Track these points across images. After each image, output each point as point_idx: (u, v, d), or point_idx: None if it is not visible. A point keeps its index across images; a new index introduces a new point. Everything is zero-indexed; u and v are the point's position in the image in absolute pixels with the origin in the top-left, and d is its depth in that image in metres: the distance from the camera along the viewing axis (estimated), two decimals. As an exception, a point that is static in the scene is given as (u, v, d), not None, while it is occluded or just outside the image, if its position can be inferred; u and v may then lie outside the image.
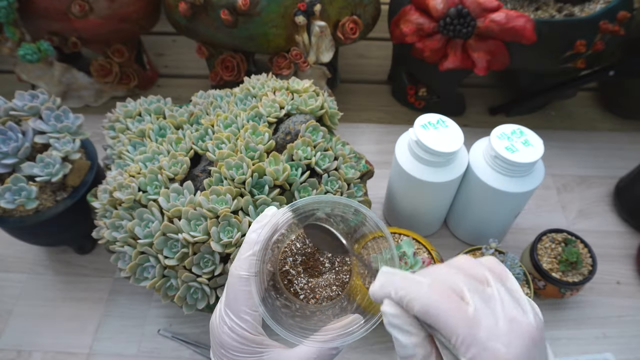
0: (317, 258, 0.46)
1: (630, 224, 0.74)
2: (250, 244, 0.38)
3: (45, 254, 0.70)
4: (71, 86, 0.88)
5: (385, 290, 0.29)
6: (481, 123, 0.89)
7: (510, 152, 0.56)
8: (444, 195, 0.63)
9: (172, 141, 0.59)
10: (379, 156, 0.82)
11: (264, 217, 0.39)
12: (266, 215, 0.39)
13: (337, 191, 0.56)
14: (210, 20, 0.74)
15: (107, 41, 0.83)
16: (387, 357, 0.60)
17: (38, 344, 0.62)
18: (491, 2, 0.68)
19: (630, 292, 0.67)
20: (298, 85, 0.65)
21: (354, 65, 1.02)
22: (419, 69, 0.84)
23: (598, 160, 0.83)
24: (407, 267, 0.54)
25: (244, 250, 0.38)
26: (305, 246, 0.46)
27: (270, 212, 0.39)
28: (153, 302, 0.65)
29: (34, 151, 0.59)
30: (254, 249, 0.37)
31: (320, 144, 0.57)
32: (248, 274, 0.37)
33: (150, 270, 0.51)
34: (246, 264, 0.37)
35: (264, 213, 0.40)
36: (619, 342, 0.61)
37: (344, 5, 0.75)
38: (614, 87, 0.89)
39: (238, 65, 0.81)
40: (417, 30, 0.73)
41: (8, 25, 0.74)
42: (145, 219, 0.52)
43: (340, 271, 0.47)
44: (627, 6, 0.70)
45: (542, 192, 0.78)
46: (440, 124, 0.59)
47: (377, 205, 0.75)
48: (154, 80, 0.97)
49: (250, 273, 0.37)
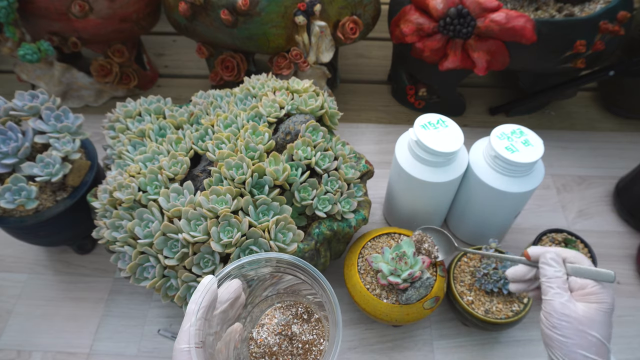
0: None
1: (630, 224, 0.74)
2: (190, 316, 0.37)
3: (45, 254, 0.70)
4: (71, 86, 0.88)
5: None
6: (481, 123, 0.89)
7: (510, 152, 0.56)
8: (444, 195, 0.63)
9: (172, 141, 0.59)
10: (379, 156, 0.82)
11: (201, 286, 0.39)
12: (203, 284, 0.39)
13: (337, 191, 0.56)
14: (210, 20, 0.74)
15: (107, 41, 0.83)
16: (387, 357, 0.60)
17: (38, 344, 0.62)
18: (491, 2, 0.68)
19: (630, 292, 0.67)
20: (298, 85, 0.65)
21: (354, 65, 1.02)
22: (419, 69, 0.84)
23: (598, 160, 0.83)
24: (407, 267, 0.54)
25: (184, 323, 0.37)
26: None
27: (207, 281, 0.39)
28: (153, 302, 0.65)
29: (34, 151, 0.59)
30: (192, 320, 0.37)
31: (320, 144, 0.57)
32: (188, 346, 0.36)
33: (150, 270, 0.51)
34: (186, 336, 0.36)
35: (202, 282, 0.39)
36: (619, 342, 0.61)
37: (344, 5, 0.75)
38: (614, 87, 0.89)
39: (238, 65, 0.81)
40: (417, 30, 0.73)
41: (8, 25, 0.74)
42: (145, 219, 0.52)
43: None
44: (627, 6, 0.70)
45: (542, 192, 0.78)
46: (440, 124, 0.59)
47: (377, 205, 0.75)
48: (154, 80, 0.97)
49: (190, 345, 0.36)
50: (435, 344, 0.61)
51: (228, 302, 0.41)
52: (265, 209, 0.52)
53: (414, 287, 0.54)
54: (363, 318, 0.63)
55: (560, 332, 0.38)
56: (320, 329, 0.49)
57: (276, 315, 0.50)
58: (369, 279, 0.57)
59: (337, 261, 0.66)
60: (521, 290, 0.46)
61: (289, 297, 0.52)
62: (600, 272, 0.40)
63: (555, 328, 0.38)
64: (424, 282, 0.54)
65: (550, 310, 0.39)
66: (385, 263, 0.55)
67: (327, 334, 0.49)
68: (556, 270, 0.41)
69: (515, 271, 0.45)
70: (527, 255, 0.44)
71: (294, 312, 0.51)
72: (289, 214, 0.52)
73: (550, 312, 0.39)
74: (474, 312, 0.56)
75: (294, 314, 0.50)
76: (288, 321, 0.50)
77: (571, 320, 0.38)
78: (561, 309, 0.38)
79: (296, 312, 0.51)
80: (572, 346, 0.37)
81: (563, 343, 0.38)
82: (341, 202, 0.57)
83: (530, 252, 0.44)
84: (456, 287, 0.58)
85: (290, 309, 0.51)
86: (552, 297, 0.40)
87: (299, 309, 0.51)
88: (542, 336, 0.40)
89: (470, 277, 0.59)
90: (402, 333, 0.62)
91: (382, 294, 0.56)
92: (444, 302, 0.63)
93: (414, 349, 0.61)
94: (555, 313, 0.38)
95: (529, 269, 0.44)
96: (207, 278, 0.39)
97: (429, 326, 0.63)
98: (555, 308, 0.39)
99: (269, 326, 0.49)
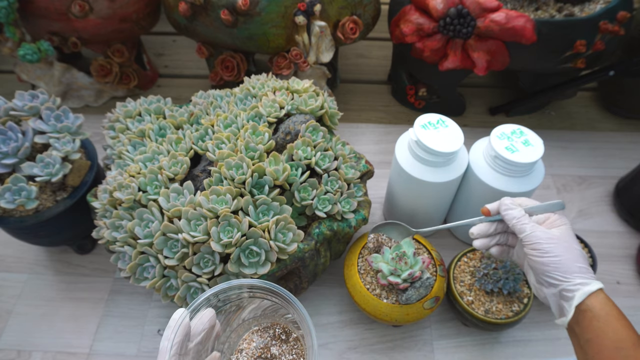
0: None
1: (630, 224, 0.74)
2: (163, 354, 0.37)
3: (45, 254, 0.70)
4: (71, 86, 0.88)
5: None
6: (481, 123, 0.89)
7: (510, 152, 0.56)
8: (444, 195, 0.63)
9: (172, 141, 0.59)
10: (379, 156, 0.82)
11: (172, 321, 0.38)
12: (174, 319, 0.38)
13: (337, 191, 0.56)
14: (210, 20, 0.74)
15: (107, 41, 0.83)
16: (387, 357, 0.60)
17: (38, 344, 0.62)
18: (491, 2, 0.68)
19: (630, 292, 0.67)
20: (298, 85, 0.65)
21: (354, 65, 1.02)
22: (419, 69, 0.84)
23: (598, 160, 0.83)
24: (407, 267, 0.54)
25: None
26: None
27: (178, 315, 0.39)
28: (153, 302, 0.65)
29: (34, 151, 0.59)
30: (165, 358, 0.36)
31: (320, 144, 0.57)
32: None
33: (150, 270, 0.51)
34: None
35: (172, 317, 0.39)
36: (619, 342, 0.61)
37: (344, 5, 0.75)
38: (614, 87, 0.89)
39: (238, 65, 0.81)
40: (417, 30, 0.73)
41: (8, 25, 0.74)
42: (145, 219, 0.52)
43: None
44: (627, 6, 0.70)
45: (542, 192, 0.78)
46: (440, 124, 0.59)
47: (377, 205, 0.75)
48: (154, 80, 0.97)
49: None
50: (435, 344, 0.61)
51: (203, 332, 0.40)
52: (265, 209, 0.52)
53: (414, 287, 0.54)
54: (363, 318, 0.63)
55: (554, 253, 0.42)
56: (299, 347, 0.49)
57: (254, 339, 0.50)
58: (369, 279, 0.57)
59: (337, 261, 0.66)
60: (485, 245, 0.49)
61: (266, 319, 0.52)
62: (552, 204, 0.47)
63: (547, 253, 0.43)
64: (424, 282, 0.54)
65: (536, 240, 0.44)
66: (385, 263, 0.55)
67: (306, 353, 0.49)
68: (519, 211, 0.46)
69: (479, 228, 0.49)
70: (487, 211, 0.49)
71: (271, 333, 0.50)
72: (289, 214, 0.52)
73: (537, 242, 0.43)
74: (474, 312, 0.56)
75: (271, 335, 0.50)
76: (267, 343, 0.49)
77: (557, 241, 0.43)
78: (546, 235, 0.44)
79: (274, 333, 0.50)
80: (567, 261, 0.42)
81: (559, 262, 0.42)
82: (341, 202, 0.57)
83: (490, 207, 0.49)
84: (456, 287, 0.58)
85: (268, 331, 0.51)
86: (532, 229, 0.44)
87: (277, 330, 0.51)
88: (534, 269, 0.44)
89: (470, 277, 0.59)
90: (402, 333, 0.62)
91: (382, 294, 0.56)
92: (444, 302, 0.63)
93: (414, 349, 0.61)
94: (542, 240, 0.43)
95: (490, 224, 0.49)
96: (177, 312, 0.39)
97: (429, 326, 0.63)
98: (540, 236, 0.44)
99: (247, 351, 0.49)
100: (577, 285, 0.41)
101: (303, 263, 0.55)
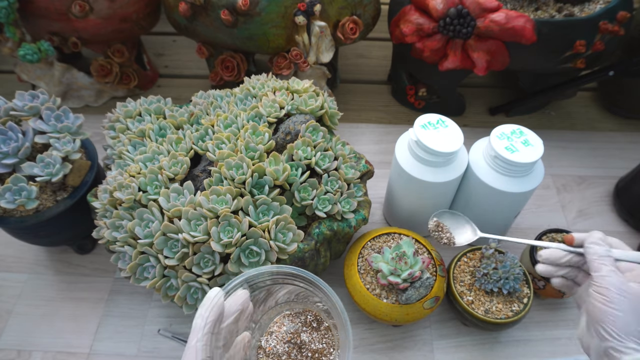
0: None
1: (630, 224, 0.74)
2: (196, 331, 0.37)
3: (45, 254, 0.71)
4: (71, 86, 0.88)
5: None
6: (481, 123, 0.89)
7: (510, 152, 0.56)
8: (444, 195, 0.63)
9: (172, 141, 0.59)
10: (379, 156, 0.82)
11: (207, 300, 0.38)
12: (209, 298, 0.38)
13: (337, 191, 0.56)
14: (210, 20, 0.74)
15: (107, 41, 0.83)
16: (387, 357, 0.60)
17: (38, 344, 0.62)
18: (491, 2, 0.68)
19: (630, 292, 0.67)
20: (298, 85, 0.65)
21: (354, 65, 1.02)
22: (419, 69, 0.84)
23: (598, 160, 0.83)
24: (407, 266, 0.54)
25: (191, 338, 0.37)
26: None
27: (213, 294, 0.39)
28: (153, 302, 0.65)
29: (34, 151, 0.59)
30: (198, 335, 0.36)
31: (320, 144, 0.57)
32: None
33: (150, 270, 0.51)
34: (193, 352, 0.36)
35: (207, 296, 0.39)
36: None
37: (344, 5, 0.75)
38: (614, 87, 0.89)
39: (238, 65, 0.81)
40: (417, 30, 0.73)
41: (8, 25, 0.74)
42: (146, 219, 0.52)
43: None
44: (627, 6, 0.70)
45: (542, 192, 0.78)
46: (440, 124, 0.59)
47: (377, 205, 0.75)
48: (154, 80, 0.97)
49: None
50: (435, 344, 0.61)
51: (236, 313, 0.40)
52: (265, 209, 0.52)
53: (413, 287, 0.54)
54: (363, 318, 0.63)
55: (618, 307, 0.39)
56: (329, 337, 0.49)
57: (285, 323, 0.50)
58: (369, 279, 0.57)
59: (337, 261, 0.66)
60: (550, 273, 0.47)
61: (298, 304, 0.51)
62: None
63: (612, 303, 0.39)
64: (423, 282, 0.55)
65: (607, 286, 0.40)
66: (385, 263, 0.55)
67: (337, 343, 0.48)
68: (607, 250, 0.42)
69: (551, 253, 0.46)
70: (571, 239, 0.45)
71: (303, 319, 0.50)
72: (289, 214, 0.52)
73: (607, 287, 0.40)
74: (474, 312, 0.56)
75: (303, 321, 0.50)
76: (297, 329, 0.49)
77: (629, 296, 0.39)
78: (620, 285, 0.40)
79: (305, 319, 0.50)
80: (630, 320, 0.38)
81: (620, 317, 0.39)
82: (341, 202, 0.57)
83: (576, 236, 0.45)
84: (456, 287, 0.58)
85: (299, 317, 0.50)
86: (608, 273, 0.41)
87: (308, 317, 0.50)
88: (590, 314, 0.41)
89: (470, 277, 0.59)
90: (402, 333, 0.62)
91: (382, 294, 0.56)
92: (444, 302, 0.63)
93: (414, 349, 0.61)
94: (614, 288, 0.40)
95: (565, 254, 0.46)
96: (213, 291, 0.39)
97: (429, 326, 0.63)
98: (614, 283, 0.40)
99: (277, 334, 0.49)
100: (630, 350, 0.38)
101: (303, 263, 0.55)
